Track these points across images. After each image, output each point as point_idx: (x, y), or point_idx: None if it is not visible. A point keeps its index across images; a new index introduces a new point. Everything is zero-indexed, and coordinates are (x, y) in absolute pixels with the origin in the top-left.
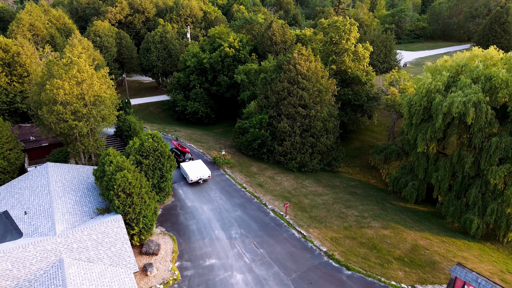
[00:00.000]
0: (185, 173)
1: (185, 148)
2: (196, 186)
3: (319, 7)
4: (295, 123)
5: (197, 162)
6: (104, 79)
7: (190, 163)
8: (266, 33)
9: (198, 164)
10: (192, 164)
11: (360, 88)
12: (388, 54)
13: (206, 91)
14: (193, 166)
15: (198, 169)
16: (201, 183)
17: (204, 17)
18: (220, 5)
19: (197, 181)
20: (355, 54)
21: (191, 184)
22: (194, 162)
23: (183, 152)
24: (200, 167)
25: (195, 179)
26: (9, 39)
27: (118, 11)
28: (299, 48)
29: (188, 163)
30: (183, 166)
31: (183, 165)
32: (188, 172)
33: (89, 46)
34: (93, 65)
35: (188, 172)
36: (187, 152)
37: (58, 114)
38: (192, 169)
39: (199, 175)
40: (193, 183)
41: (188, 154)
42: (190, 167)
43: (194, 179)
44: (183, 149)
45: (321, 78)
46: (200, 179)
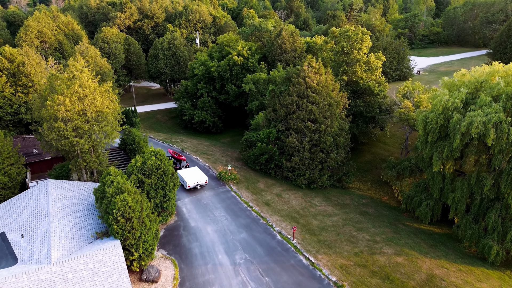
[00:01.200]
0: (182, 180)
1: (181, 156)
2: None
3: (330, 10)
4: (304, 138)
5: (194, 169)
6: (107, 93)
7: (187, 170)
8: (276, 41)
9: (195, 170)
10: (188, 171)
11: (372, 99)
12: (401, 62)
13: (213, 100)
14: (190, 173)
15: (195, 176)
16: (199, 188)
17: (213, 22)
18: (230, 9)
19: (194, 187)
20: (367, 65)
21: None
22: (190, 169)
23: (179, 159)
24: (196, 173)
25: (192, 185)
26: (14, 49)
27: (127, 17)
28: (309, 60)
29: (184, 170)
30: (180, 173)
31: (180, 172)
32: (186, 179)
33: (96, 54)
34: (97, 79)
35: (186, 179)
36: (183, 159)
37: (59, 131)
38: (189, 175)
39: (196, 181)
40: (191, 189)
41: (184, 161)
42: (187, 174)
43: (192, 185)
44: (179, 157)
45: (331, 91)
46: (197, 184)
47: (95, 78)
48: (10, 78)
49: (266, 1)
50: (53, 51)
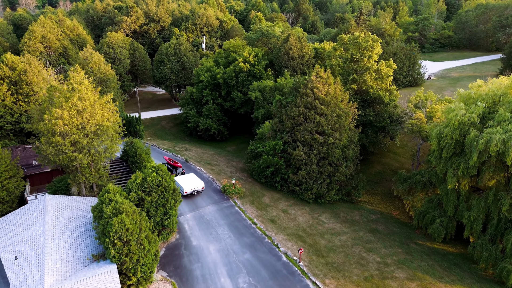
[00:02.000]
0: (179, 186)
1: (177, 163)
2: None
3: (339, 13)
4: (311, 150)
5: (190, 175)
6: (108, 105)
7: (183, 177)
8: (283, 47)
9: (191, 177)
10: (185, 177)
11: (382, 108)
12: (411, 67)
13: (219, 107)
14: (186, 179)
15: (192, 182)
16: (196, 194)
17: (220, 26)
18: (237, 11)
19: (191, 193)
20: (378, 73)
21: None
22: (187, 175)
23: (175, 166)
24: (193, 180)
25: (189, 191)
26: (16, 56)
27: (133, 21)
28: (317, 70)
29: (181, 176)
30: (177, 180)
31: (176, 179)
32: (182, 185)
33: (99, 60)
34: (97, 90)
35: (182, 185)
36: (179, 166)
37: (57, 146)
38: (185, 182)
39: (193, 187)
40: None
41: (180, 168)
42: (184, 180)
43: (189, 191)
44: (175, 164)
45: (340, 101)
46: (194, 190)
47: (95, 89)
48: (11, 86)
49: (274, 3)
50: (58, 56)
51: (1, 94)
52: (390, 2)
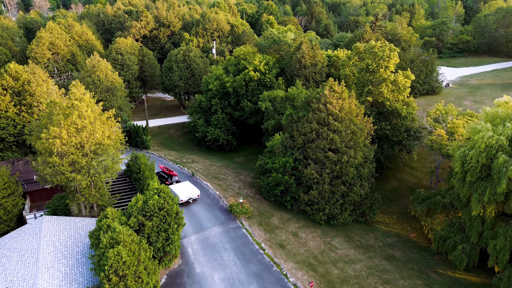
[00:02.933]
0: (174, 195)
1: (172, 172)
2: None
3: (353, 16)
4: (324, 169)
5: (185, 184)
6: (110, 121)
7: (179, 185)
8: (295, 55)
9: (187, 185)
10: (180, 185)
11: (399, 122)
12: (429, 75)
13: (228, 116)
14: (182, 188)
15: (187, 190)
16: (191, 202)
17: (231, 30)
18: (249, 14)
19: (187, 201)
20: (395, 84)
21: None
22: (182, 183)
23: (170, 175)
24: (188, 188)
25: (185, 199)
26: (20, 66)
27: (143, 26)
28: (331, 83)
29: (176, 185)
30: (172, 188)
31: (172, 187)
32: (178, 193)
33: (106, 68)
34: (99, 105)
35: (178, 193)
36: (174, 175)
37: (54, 166)
38: (181, 190)
39: (188, 195)
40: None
41: (175, 177)
42: (179, 189)
43: (184, 199)
44: (170, 172)
45: (355, 116)
46: (190, 198)
47: (97, 104)
48: (14, 97)
49: (286, 5)
50: (66, 63)
51: (4, 105)
52: (406, 5)
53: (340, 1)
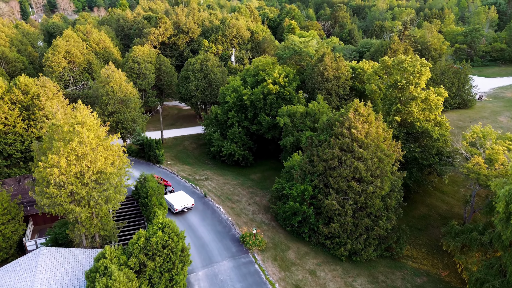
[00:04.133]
0: (169, 204)
1: (166, 182)
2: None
3: (379, 21)
4: (346, 200)
5: (180, 193)
6: (114, 146)
7: (174, 195)
8: (317, 67)
9: (181, 194)
10: (175, 195)
11: (430, 144)
12: (461, 87)
13: (244, 130)
14: (176, 197)
15: (182, 200)
16: (186, 211)
17: (251, 37)
18: (271, 19)
19: (182, 210)
20: (426, 103)
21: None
22: (177, 193)
23: (164, 185)
24: (183, 197)
25: (180, 208)
26: (30, 79)
27: (161, 32)
28: (356, 105)
29: (171, 194)
30: (167, 198)
31: (167, 197)
32: (173, 203)
33: (121, 79)
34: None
35: (173, 203)
36: (169, 185)
37: (52, 197)
38: (176, 200)
39: (183, 205)
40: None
41: (170, 187)
42: (174, 198)
43: (179, 208)
44: (165, 183)
45: (383, 141)
46: (184, 207)
47: (103, 125)
48: (23, 111)
49: (309, 9)
50: (82, 71)
51: (12, 120)
52: (435, 9)
53: (365, 4)
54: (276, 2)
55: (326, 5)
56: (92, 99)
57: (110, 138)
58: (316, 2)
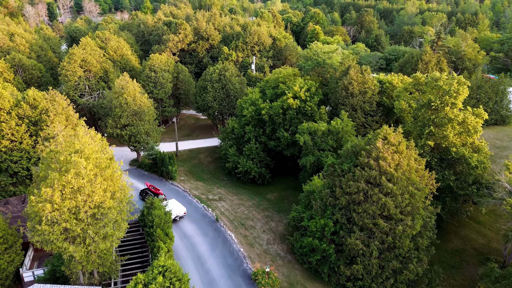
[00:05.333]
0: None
1: (158, 190)
2: None
3: (407, 26)
4: (372, 238)
5: (172, 202)
6: (116, 174)
7: (165, 203)
8: (341, 81)
9: (173, 203)
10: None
11: (466, 171)
12: (498, 102)
13: (262, 145)
14: (168, 206)
15: (174, 209)
16: (178, 220)
17: (272, 44)
18: (294, 23)
19: (174, 218)
20: (463, 125)
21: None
22: (168, 201)
23: (156, 193)
24: (175, 206)
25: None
26: (39, 93)
27: (180, 39)
28: (385, 132)
29: (162, 203)
30: None
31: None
32: None
33: (135, 90)
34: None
35: None
36: (161, 193)
37: (44, 235)
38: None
39: (175, 214)
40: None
41: (162, 195)
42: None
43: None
44: (156, 191)
45: (415, 172)
46: (177, 216)
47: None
48: (30, 127)
49: (334, 13)
50: (98, 80)
51: (19, 136)
52: (468, 14)
53: (393, 7)
54: (300, 5)
55: (352, 8)
56: (106, 110)
57: (111, 167)
58: (341, 5)
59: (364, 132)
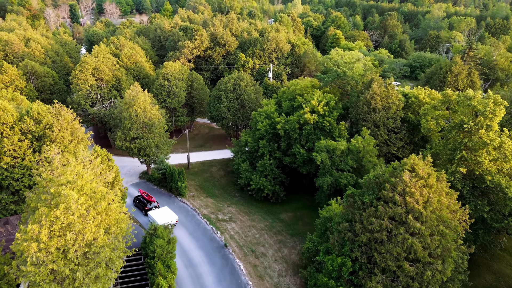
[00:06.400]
0: (153, 221)
1: (151, 198)
2: None
3: (433, 30)
4: (396, 282)
5: (164, 209)
6: (111, 206)
7: (157, 211)
8: (363, 95)
9: (165, 211)
10: (159, 211)
11: (501, 199)
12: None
13: (277, 161)
14: (160, 214)
15: (165, 216)
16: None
17: (291, 51)
18: (314, 27)
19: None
20: (499, 150)
21: None
22: (161, 209)
23: (149, 201)
24: (167, 213)
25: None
26: (44, 107)
27: (196, 46)
28: (413, 163)
29: (155, 211)
30: (151, 214)
31: (151, 213)
32: (157, 220)
33: (145, 102)
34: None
35: (157, 220)
36: (153, 201)
37: (29, 276)
38: (159, 216)
39: (166, 222)
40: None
41: (154, 202)
42: (158, 215)
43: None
44: (149, 198)
45: (446, 208)
46: (168, 224)
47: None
48: (34, 142)
49: (356, 16)
50: (110, 88)
51: (21, 152)
52: (498, 18)
53: (418, 10)
54: (321, 7)
55: (375, 10)
56: (116, 121)
57: (109, 196)
58: (364, 7)
59: (387, 150)
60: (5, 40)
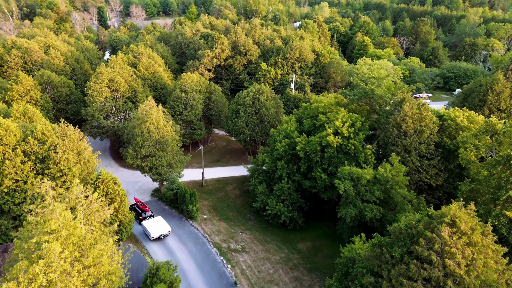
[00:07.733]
0: (146, 231)
1: (146, 207)
2: None
3: (469, 37)
4: None
5: (157, 219)
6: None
7: (151, 221)
8: (393, 117)
9: (159, 221)
10: (152, 221)
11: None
12: None
13: (295, 184)
14: (154, 224)
15: (159, 226)
16: (163, 238)
17: (316, 60)
18: (341, 33)
19: (158, 237)
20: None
21: None
22: (154, 219)
23: (143, 210)
24: (160, 224)
25: (156, 235)
26: (49, 126)
27: (216, 55)
28: (453, 215)
29: (149, 221)
30: (144, 224)
31: (144, 223)
32: (150, 230)
33: (158, 117)
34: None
35: (150, 230)
36: (147, 210)
37: None
38: (153, 226)
39: (160, 232)
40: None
41: (149, 212)
42: (151, 225)
43: (156, 235)
44: (144, 208)
45: (493, 269)
46: (161, 235)
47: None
48: (37, 164)
49: (386, 21)
50: (126, 100)
51: (23, 175)
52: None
53: (453, 14)
54: (349, 10)
55: (406, 14)
56: (129, 136)
57: (99, 246)
58: (394, 10)
59: (418, 178)
60: (25, 47)
